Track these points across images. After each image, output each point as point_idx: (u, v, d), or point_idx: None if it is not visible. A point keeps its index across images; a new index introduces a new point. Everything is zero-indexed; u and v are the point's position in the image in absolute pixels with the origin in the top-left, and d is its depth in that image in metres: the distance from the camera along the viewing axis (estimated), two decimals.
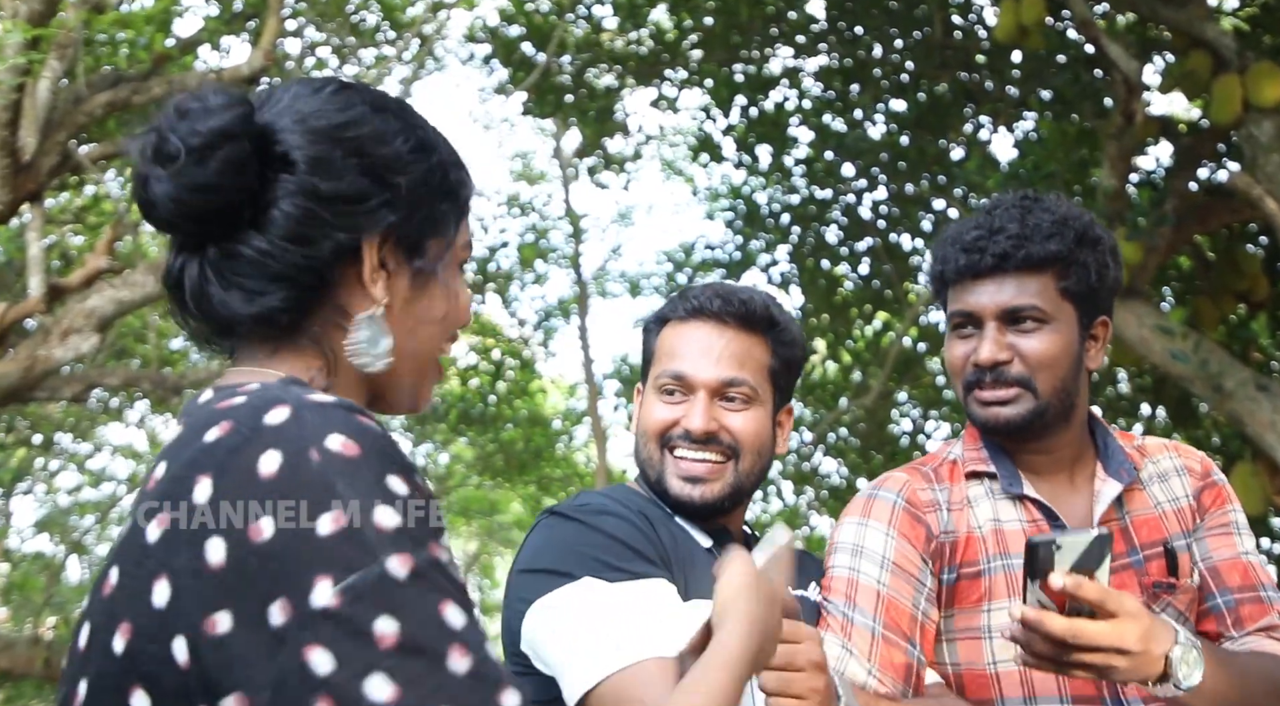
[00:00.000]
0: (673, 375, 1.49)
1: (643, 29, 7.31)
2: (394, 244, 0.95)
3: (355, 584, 0.75)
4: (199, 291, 0.92)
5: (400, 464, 0.81)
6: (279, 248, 0.89)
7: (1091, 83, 5.84)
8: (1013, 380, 1.51)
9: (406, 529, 0.78)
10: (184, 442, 0.85)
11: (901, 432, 8.06)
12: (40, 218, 5.25)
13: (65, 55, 4.94)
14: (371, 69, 7.34)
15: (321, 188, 0.90)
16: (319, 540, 0.76)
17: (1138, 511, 1.56)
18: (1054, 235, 1.50)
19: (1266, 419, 4.63)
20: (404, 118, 0.97)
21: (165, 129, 0.89)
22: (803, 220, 7.42)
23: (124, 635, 0.80)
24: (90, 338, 4.96)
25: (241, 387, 0.88)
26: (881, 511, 1.52)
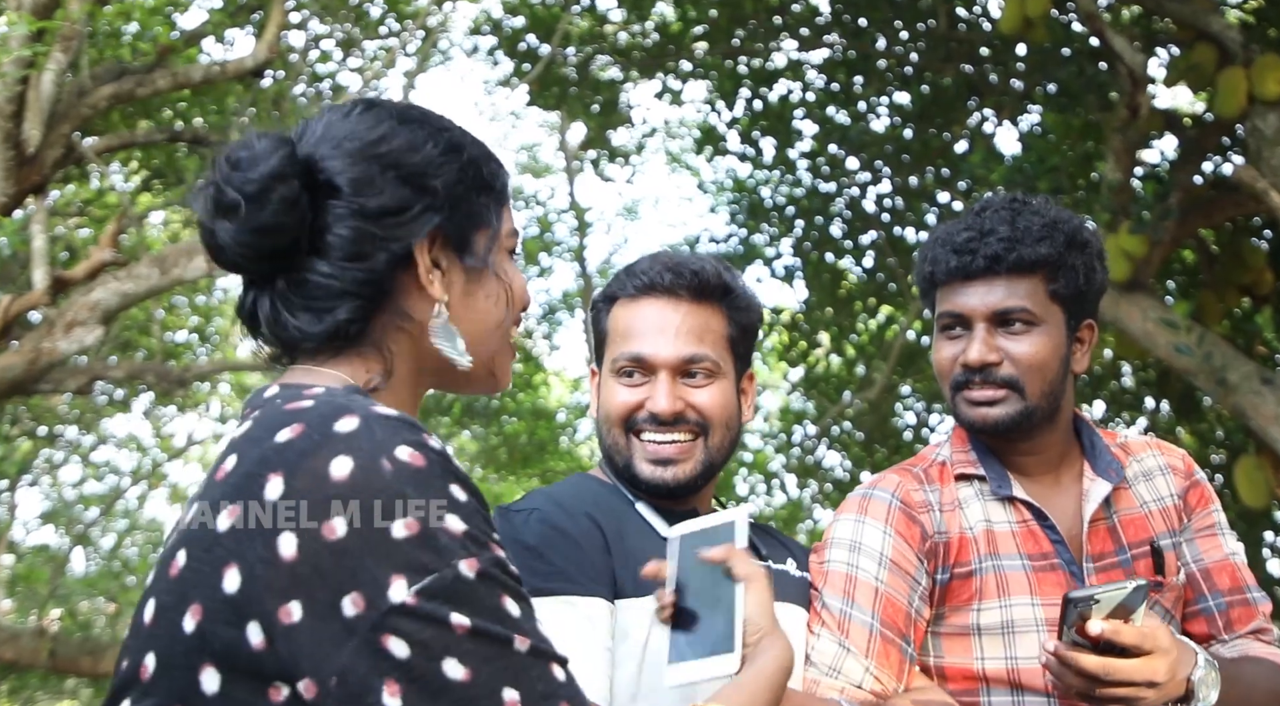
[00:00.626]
0: (631, 357, 1.45)
1: (647, 21, 7.30)
2: (442, 243, 1.02)
3: (431, 584, 0.83)
4: (274, 321, 1.00)
5: (460, 475, 0.89)
6: (340, 268, 0.97)
7: (1096, 76, 5.82)
8: (1000, 381, 1.52)
9: (471, 533, 0.86)
10: (254, 440, 0.91)
11: (905, 426, 8.06)
12: (44, 210, 5.26)
13: (69, 48, 4.95)
14: (376, 61, 7.33)
15: (368, 205, 0.98)
16: (394, 542, 0.83)
17: (1124, 510, 1.58)
18: (1044, 238, 1.51)
19: (1271, 412, 4.62)
20: (430, 123, 1.04)
21: (221, 182, 0.97)
22: (807, 213, 7.41)
23: (194, 616, 0.86)
24: (94, 330, 4.97)
25: (308, 390, 0.95)
26: (878, 510, 1.53)
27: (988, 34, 6.46)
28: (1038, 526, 1.54)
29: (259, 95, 6.57)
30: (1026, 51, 6.30)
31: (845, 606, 1.46)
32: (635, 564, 1.36)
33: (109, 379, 7.24)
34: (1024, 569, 1.51)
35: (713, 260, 1.51)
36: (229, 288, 9.81)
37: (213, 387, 10.44)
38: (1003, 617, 1.50)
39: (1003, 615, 1.50)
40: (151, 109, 6.80)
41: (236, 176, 0.96)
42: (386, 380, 1.01)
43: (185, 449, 11.40)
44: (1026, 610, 1.49)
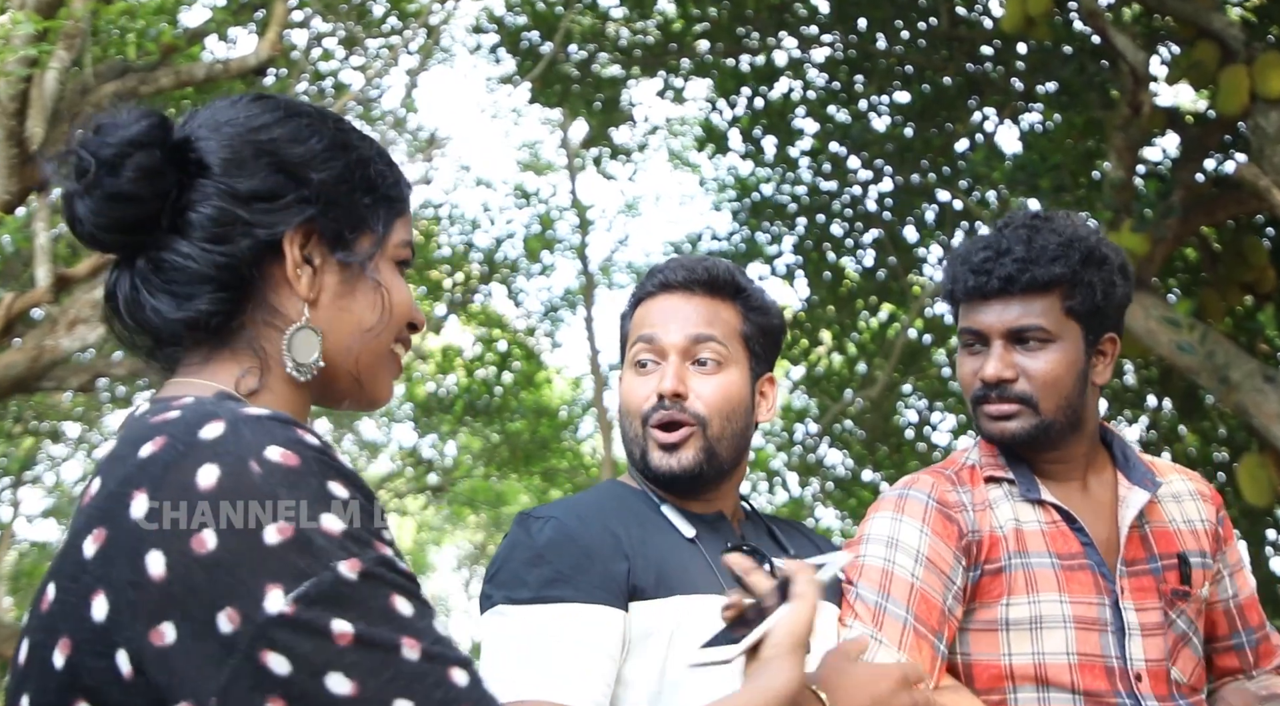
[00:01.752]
0: (644, 338, 1.49)
1: (649, 19, 7.30)
2: (317, 238, 0.97)
3: (309, 591, 0.78)
4: (132, 302, 0.95)
5: (341, 470, 0.84)
6: (200, 249, 0.92)
7: (1098, 74, 5.82)
8: (1015, 397, 1.57)
9: (352, 531, 0.81)
10: (118, 458, 0.86)
11: (907, 424, 8.06)
12: (47, 208, 5.27)
13: (73, 46, 4.95)
14: (378, 59, 7.34)
15: (237, 187, 0.93)
16: (267, 549, 0.78)
17: (1154, 523, 1.63)
18: (1059, 258, 1.55)
19: (1273, 410, 4.62)
20: (322, 120, 1.00)
21: (79, 146, 0.93)
22: (808, 211, 7.41)
23: (64, 649, 0.82)
24: (97, 327, 4.98)
25: (175, 401, 0.89)
26: (915, 509, 1.55)
27: (989, 32, 6.46)
28: (1067, 528, 1.57)
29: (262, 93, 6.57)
30: (1028, 50, 6.30)
31: (880, 599, 1.48)
32: (657, 566, 1.39)
33: (111, 376, 7.25)
34: (1052, 567, 1.54)
35: (728, 263, 1.57)
36: None
37: None
38: (1031, 613, 1.52)
39: (1031, 611, 1.52)
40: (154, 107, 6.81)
41: (94, 140, 0.92)
42: (262, 380, 0.95)
43: None
44: (1055, 607, 1.52)
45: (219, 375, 0.95)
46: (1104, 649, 1.51)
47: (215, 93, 6.88)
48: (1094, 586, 1.53)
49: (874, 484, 8.21)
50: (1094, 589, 1.53)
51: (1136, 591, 1.55)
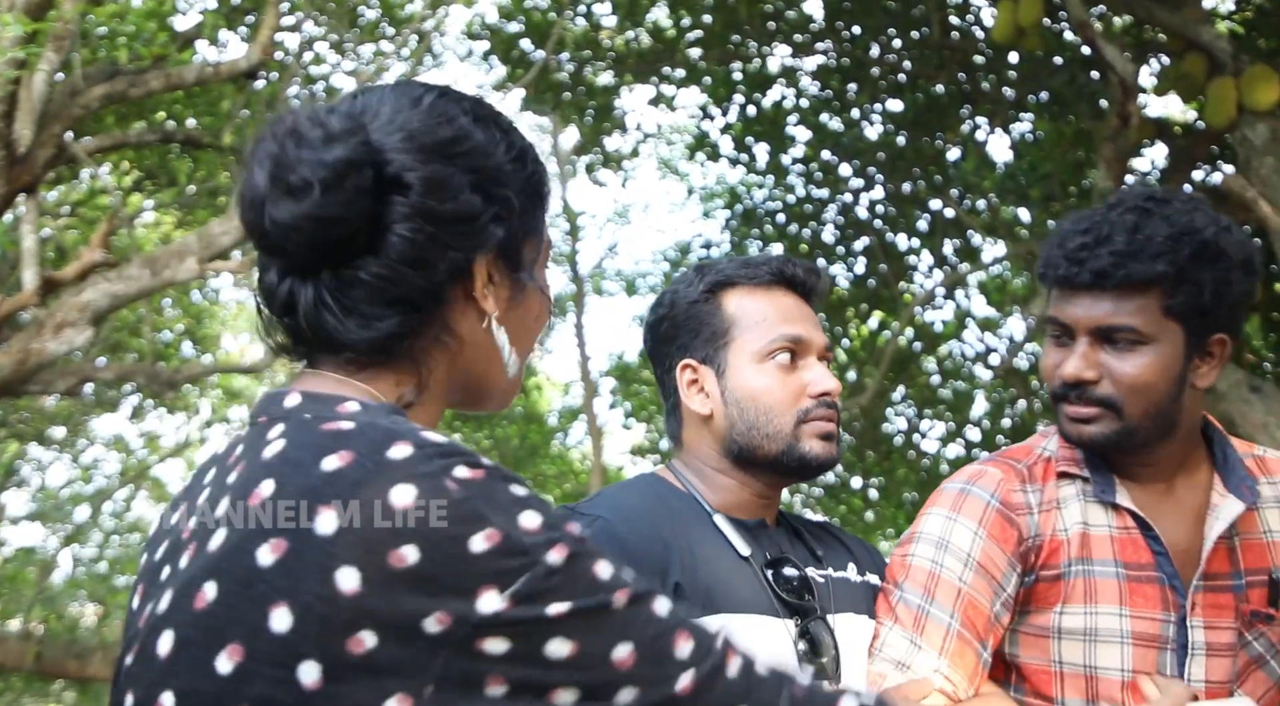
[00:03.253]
0: (791, 338, 1.47)
1: (641, 27, 7.31)
2: (498, 256, 0.95)
3: (524, 586, 0.80)
4: (314, 316, 0.90)
5: (512, 476, 0.86)
6: (397, 272, 0.89)
7: (1088, 84, 5.85)
8: (1097, 399, 1.42)
9: (547, 521, 0.83)
10: (295, 464, 0.84)
11: (896, 432, 8.07)
12: (35, 210, 5.24)
13: (62, 47, 4.93)
14: (370, 64, 7.33)
15: (439, 209, 0.89)
16: (474, 556, 0.80)
17: (1247, 534, 1.48)
18: (1164, 253, 1.38)
19: (1259, 420, 4.64)
20: (499, 124, 0.96)
21: (286, 158, 0.87)
22: (799, 219, 7.43)
23: (233, 656, 0.80)
24: (84, 331, 4.95)
25: (341, 406, 0.88)
26: (974, 509, 1.45)
27: (980, 42, 6.49)
28: (1140, 535, 1.45)
29: (252, 97, 6.56)
30: (1019, 60, 6.34)
31: (924, 603, 1.41)
32: (706, 581, 1.35)
33: (98, 380, 7.21)
34: (1117, 577, 1.43)
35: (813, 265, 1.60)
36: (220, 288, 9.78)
37: (202, 390, 10.40)
38: (1086, 623, 1.43)
39: (1086, 621, 1.43)
40: (145, 110, 6.78)
41: (308, 155, 0.86)
42: (418, 397, 0.94)
43: (174, 451, 11.35)
44: (1113, 619, 1.42)
45: (376, 384, 0.92)
46: (1160, 667, 1.42)
47: (205, 96, 6.86)
48: (1160, 601, 1.43)
49: (863, 490, 8.22)
50: (1160, 603, 1.43)
51: (1210, 608, 1.44)
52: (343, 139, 0.87)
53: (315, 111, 0.89)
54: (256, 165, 0.89)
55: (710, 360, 1.49)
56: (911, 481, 7.84)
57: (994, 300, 7.83)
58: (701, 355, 1.50)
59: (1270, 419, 4.62)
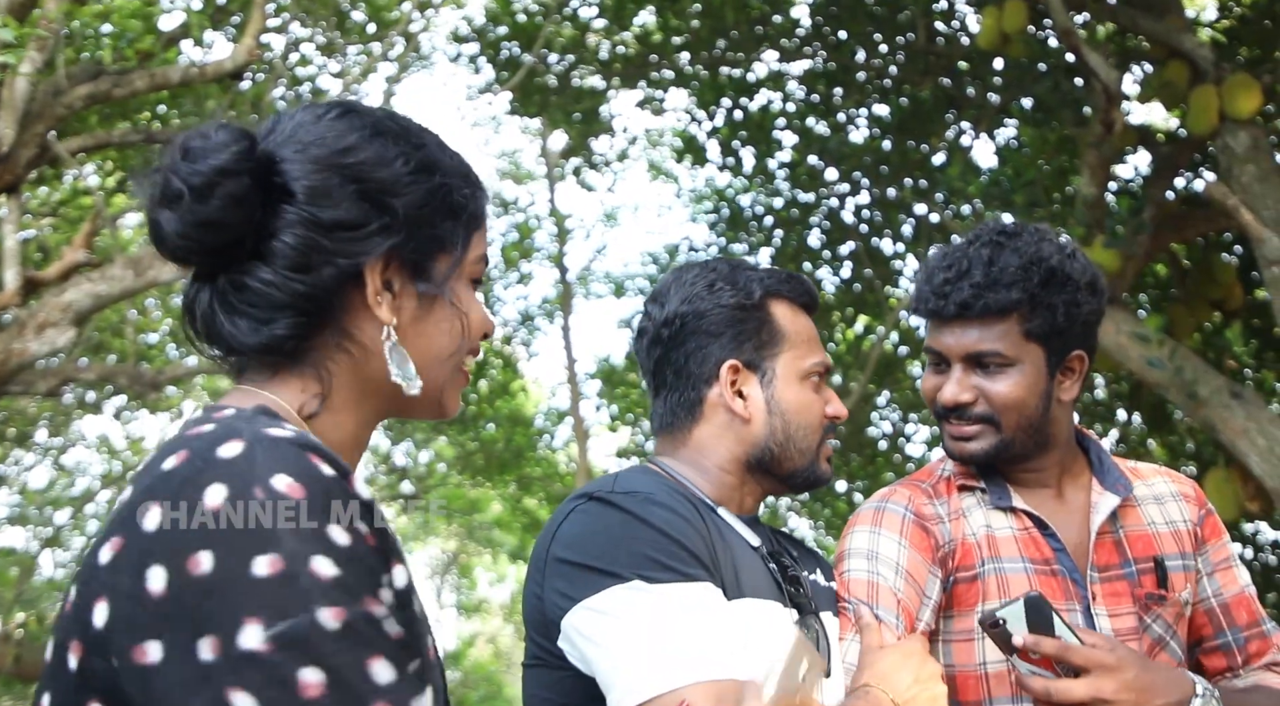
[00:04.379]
0: (826, 366, 1.55)
1: (629, 31, 7.32)
2: (397, 265, 0.97)
3: (285, 631, 0.76)
4: (209, 319, 0.95)
5: (345, 509, 0.82)
6: (282, 277, 0.92)
7: (1072, 91, 5.88)
8: (975, 417, 1.57)
9: (344, 580, 0.78)
10: (147, 468, 0.87)
11: (881, 435, 8.10)
12: (17, 210, 5.20)
13: (45, 47, 4.90)
14: (356, 66, 7.31)
15: (320, 216, 0.93)
16: (252, 581, 0.77)
17: (1131, 526, 1.62)
18: (1017, 282, 1.53)
19: (1239, 426, 4.67)
20: (406, 139, 0.98)
21: (169, 169, 0.92)
22: (785, 223, 7.45)
23: (76, 653, 0.83)
24: (66, 331, 4.92)
25: (217, 414, 0.90)
26: (892, 522, 1.56)
27: (966, 48, 6.53)
28: (1039, 534, 1.58)
29: (238, 98, 6.53)
30: (1003, 66, 6.37)
31: (874, 610, 1.49)
32: (733, 565, 1.36)
33: (80, 381, 7.16)
34: (1025, 571, 1.54)
35: None
36: None
37: (186, 391, 10.34)
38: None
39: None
40: (129, 110, 6.75)
41: (184, 166, 0.91)
42: (322, 403, 0.96)
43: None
44: None
45: (282, 392, 0.95)
46: None
47: (190, 96, 6.82)
48: (1065, 592, 1.54)
49: (848, 494, 8.24)
50: (1065, 594, 1.54)
51: (1109, 596, 1.55)
52: (221, 149, 0.92)
53: (207, 128, 0.94)
54: (151, 177, 0.94)
55: (756, 366, 1.49)
56: None
57: None
58: (748, 358, 1.49)
59: (1251, 424, 4.66)
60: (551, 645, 1.30)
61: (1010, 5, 5.17)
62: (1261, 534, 6.68)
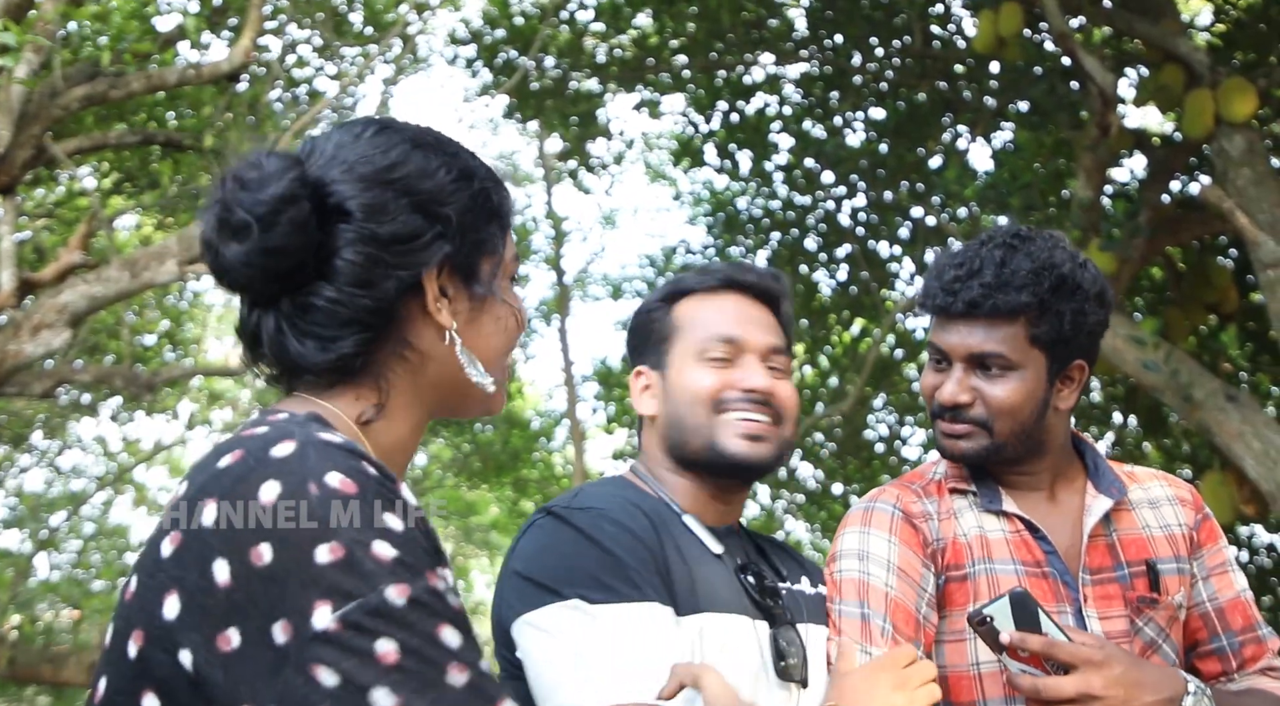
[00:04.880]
0: (723, 338, 1.50)
1: (626, 34, 7.32)
2: (450, 271, 1.01)
3: (354, 609, 0.80)
4: (276, 343, 0.98)
5: (395, 505, 0.86)
6: (347, 294, 0.96)
7: (1068, 95, 5.90)
8: (969, 419, 1.57)
9: (403, 559, 0.83)
10: (202, 466, 0.91)
11: (877, 438, 8.10)
12: (13, 211, 5.20)
13: (41, 49, 4.90)
14: (354, 68, 7.31)
15: (379, 232, 0.96)
16: (317, 567, 0.81)
17: (1125, 530, 1.62)
18: (1027, 285, 1.52)
19: (1235, 429, 4.68)
20: (443, 149, 1.03)
21: (229, 202, 0.95)
22: (782, 226, 7.45)
23: (137, 641, 0.86)
24: (62, 333, 4.91)
25: (271, 417, 0.95)
26: (881, 520, 1.56)
27: (962, 52, 6.54)
28: (1030, 537, 1.58)
29: (234, 99, 6.53)
30: (1000, 70, 6.38)
31: (864, 610, 1.49)
32: (689, 578, 1.36)
33: (76, 383, 7.15)
34: (1016, 573, 1.54)
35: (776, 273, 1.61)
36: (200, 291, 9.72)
37: (181, 392, 10.33)
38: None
39: None
40: (125, 111, 6.74)
41: (246, 197, 0.94)
42: (379, 413, 0.99)
43: (153, 454, 11.27)
44: None
45: (338, 402, 0.99)
46: None
47: (187, 98, 6.82)
48: (1056, 594, 1.54)
49: (844, 497, 8.24)
50: (1056, 596, 1.54)
51: (1101, 599, 1.55)
52: (277, 177, 0.95)
53: (256, 155, 0.97)
54: (207, 211, 0.97)
55: (658, 364, 1.54)
56: None
57: None
58: (652, 360, 1.55)
59: (1246, 427, 4.66)
60: (512, 656, 1.33)
61: (1006, 9, 5.18)
62: (1257, 537, 6.69)
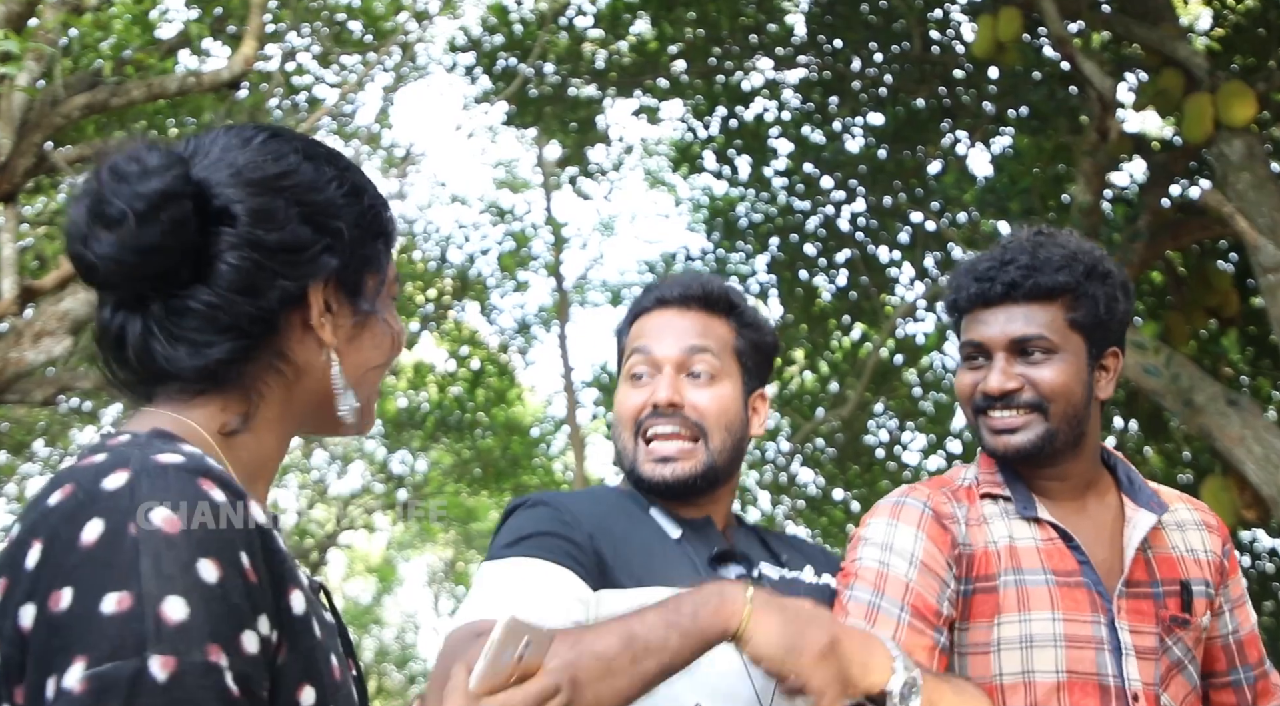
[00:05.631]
0: (639, 351, 1.51)
1: (624, 40, 7.33)
2: (335, 285, 0.98)
3: (106, 672, 0.73)
4: (142, 347, 0.92)
5: (222, 544, 0.79)
6: (227, 299, 0.91)
7: (1067, 99, 5.91)
8: (1024, 404, 1.54)
9: (188, 626, 0.75)
10: (34, 502, 0.84)
11: (878, 443, 8.10)
12: (14, 219, 5.20)
13: (42, 57, 4.91)
14: (354, 76, 7.32)
15: (266, 239, 0.92)
16: (99, 618, 0.74)
17: (1158, 549, 1.61)
18: (1063, 267, 1.54)
19: (1236, 433, 4.68)
20: (334, 162, 1.00)
21: (105, 192, 0.89)
22: (781, 231, 7.46)
23: None
24: (63, 340, 4.91)
25: (113, 440, 0.87)
26: (910, 515, 1.55)
27: (961, 57, 6.55)
28: (1063, 546, 1.56)
29: (235, 107, 6.54)
30: (999, 75, 6.39)
31: (874, 598, 1.48)
32: (640, 559, 1.41)
33: (77, 390, 7.15)
34: (1047, 583, 1.52)
35: (722, 281, 1.59)
36: None
37: None
38: (1021, 631, 1.50)
39: (1021, 629, 1.51)
40: (125, 119, 6.75)
41: (123, 189, 0.88)
42: (245, 424, 0.94)
43: None
44: (1046, 624, 1.51)
45: (199, 412, 0.93)
46: (1100, 667, 1.50)
47: (187, 106, 6.83)
48: (1089, 604, 1.52)
49: (844, 502, 8.23)
50: (1089, 607, 1.52)
51: (1133, 613, 1.54)
52: (159, 172, 0.89)
53: (134, 149, 0.91)
54: (77, 201, 0.91)
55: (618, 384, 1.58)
56: None
57: None
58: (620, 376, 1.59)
59: (1247, 431, 4.66)
60: None
61: (1005, 14, 5.19)
62: (1259, 542, 6.68)
